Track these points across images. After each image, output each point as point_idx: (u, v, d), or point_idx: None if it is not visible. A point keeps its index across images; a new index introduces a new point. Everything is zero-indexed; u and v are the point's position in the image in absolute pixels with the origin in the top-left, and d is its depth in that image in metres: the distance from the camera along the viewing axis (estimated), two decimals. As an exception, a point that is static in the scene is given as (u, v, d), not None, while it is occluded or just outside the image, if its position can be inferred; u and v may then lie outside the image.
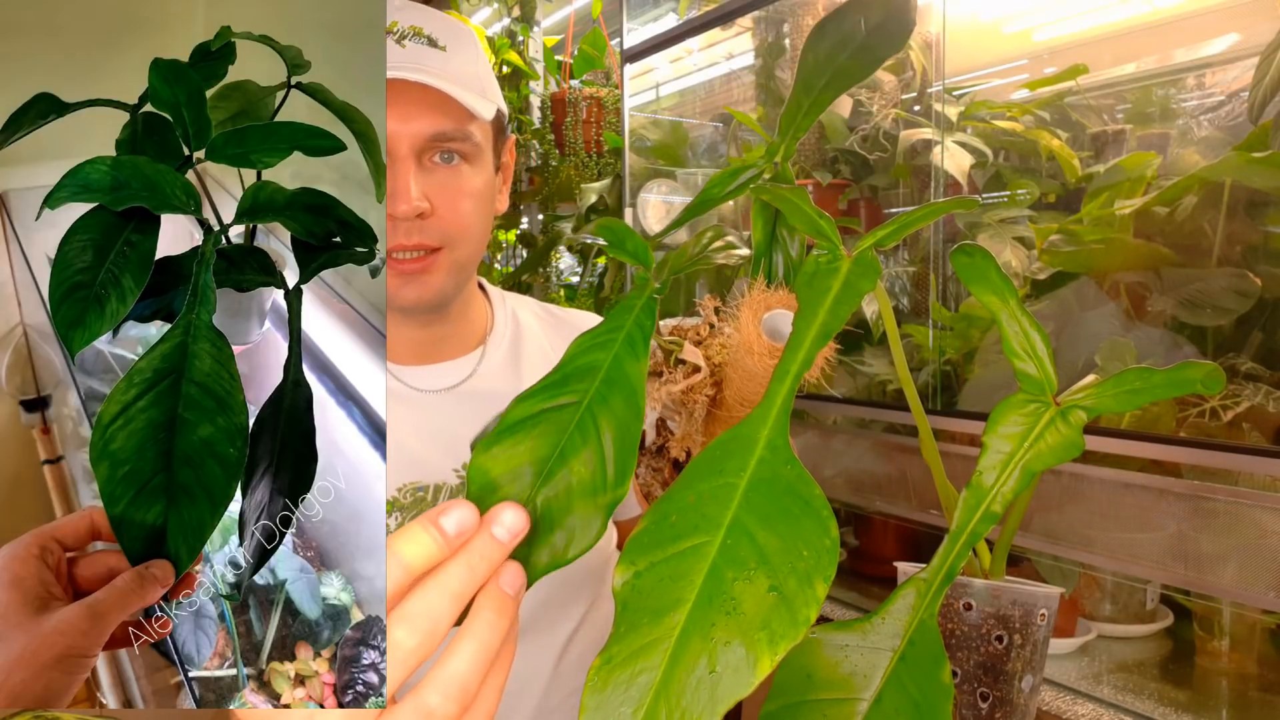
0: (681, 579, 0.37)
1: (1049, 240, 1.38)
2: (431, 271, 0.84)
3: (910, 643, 0.41)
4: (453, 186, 0.83)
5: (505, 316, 0.98)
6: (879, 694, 0.40)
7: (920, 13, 1.75)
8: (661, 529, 0.38)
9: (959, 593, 0.50)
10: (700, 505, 0.38)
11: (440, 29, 0.82)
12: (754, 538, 0.37)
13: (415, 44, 0.81)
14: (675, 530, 0.38)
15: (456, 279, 0.87)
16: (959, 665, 0.49)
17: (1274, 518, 1.00)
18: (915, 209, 0.48)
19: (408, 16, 0.82)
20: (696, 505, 0.39)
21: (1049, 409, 0.45)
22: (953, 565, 0.42)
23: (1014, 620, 0.49)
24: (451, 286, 0.87)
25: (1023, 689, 0.50)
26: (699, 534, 0.38)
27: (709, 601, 0.36)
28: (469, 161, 0.83)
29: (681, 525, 0.38)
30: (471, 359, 0.93)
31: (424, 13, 0.84)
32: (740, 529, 0.37)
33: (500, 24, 2.57)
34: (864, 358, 1.62)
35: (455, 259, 0.85)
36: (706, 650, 0.35)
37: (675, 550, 0.38)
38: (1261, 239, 1.23)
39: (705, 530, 0.38)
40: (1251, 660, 1.21)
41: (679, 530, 0.38)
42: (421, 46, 0.81)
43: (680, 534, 0.38)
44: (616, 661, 0.35)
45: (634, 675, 0.35)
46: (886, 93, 1.71)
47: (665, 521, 0.38)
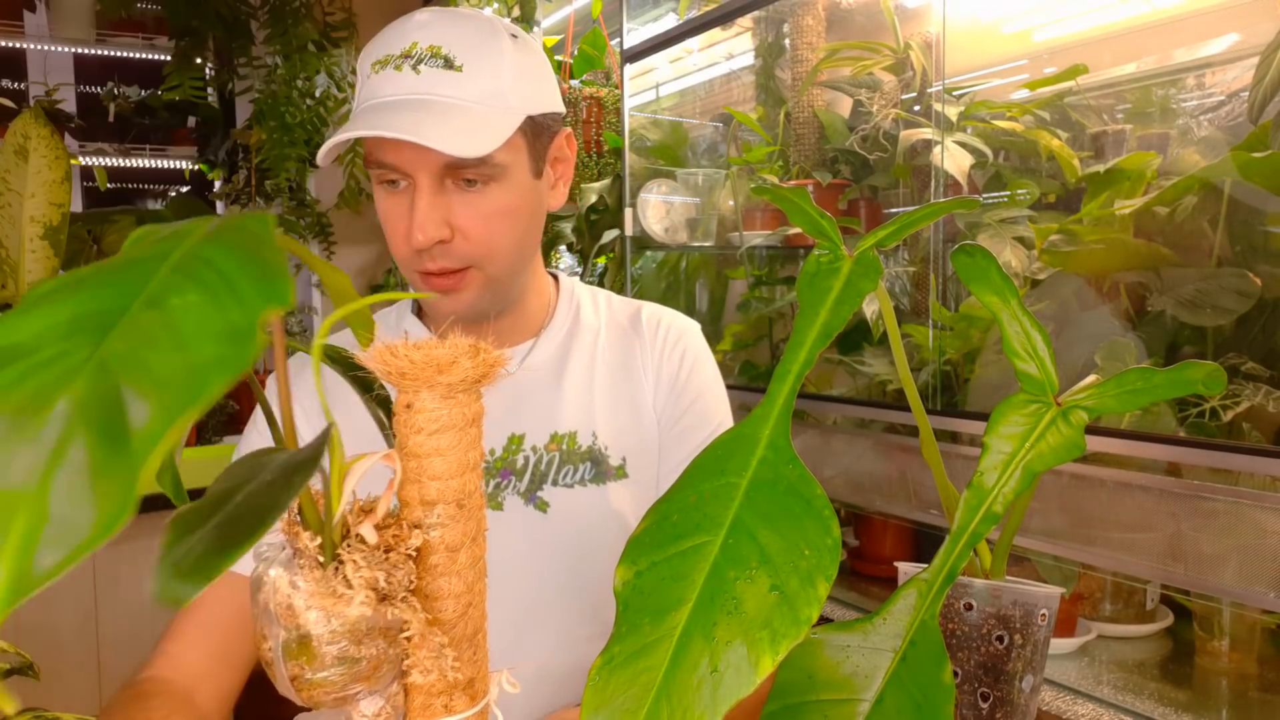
0: (683, 579, 0.37)
1: (1049, 240, 1.38)
2: (463, 289, 0.84)
3: (911, 643, 0.41)
4: (476, 210, 0.81)
5: (567, 313, 0.97)
6: (880, 694, 0.40)
7: (920, 13, 1.75)
8: (662, 529, 0.38)
9: (960, 593, 0.50)
10: (702, 505, 0.38)
11: (461, 44, 0.80)
12: (755, 537, 0.37)
13: (431, 68, 0.79)
14: (676, 530, 0.38)
15: (493, 293, 0.86)
16: (960, 665, 0.49)
17: (1274, 518, 1.00)
18: (916, 209, 0.48)
19: (429, 34, 0.80)
20: (698, 505, 0.39)
21: (1050, 409, 0.45)
22: (954, 565, 0.42)
23: (1014, 620, 0.49)
24: (487, 301, 0.86)
25: (1023, 689, 0.50)
26: (700, 533, 0.38)
27: (711, 601, 0.36)
28: (495, 181, 0.81)
29: (683, 525, 0.38)
30: (519, 351, 0.93)
31: (447, 25, 0.81)
32: (742, 528, 0.37)
33: (500, 24, 2.56)
34: (864, 358, 1.62)
35: (488, 276, 0.84)
36: (708, 650, 0.35)
37: (676, 550, 0.38)
38: (1261, 239, 1.23)
39: (707, 530, 0.38)
40: (1251, 660, 1.21)
41: (680, 530, 0.38)
42: (437, 71, 0.79)
43: (681, 533, 0.38)
44: (618, 661, 0.35)
45: (635, 675, 0.35)
46: (886, 93, 1.71)
47: (666, 521, 0.38)
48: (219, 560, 0.28)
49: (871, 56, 1.71)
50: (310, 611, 0.39)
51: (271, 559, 0.41)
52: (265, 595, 0.40)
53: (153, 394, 0.24)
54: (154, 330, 0.26)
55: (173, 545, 0.29)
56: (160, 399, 0.24)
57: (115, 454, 0.23)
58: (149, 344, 0.25)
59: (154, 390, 0.24)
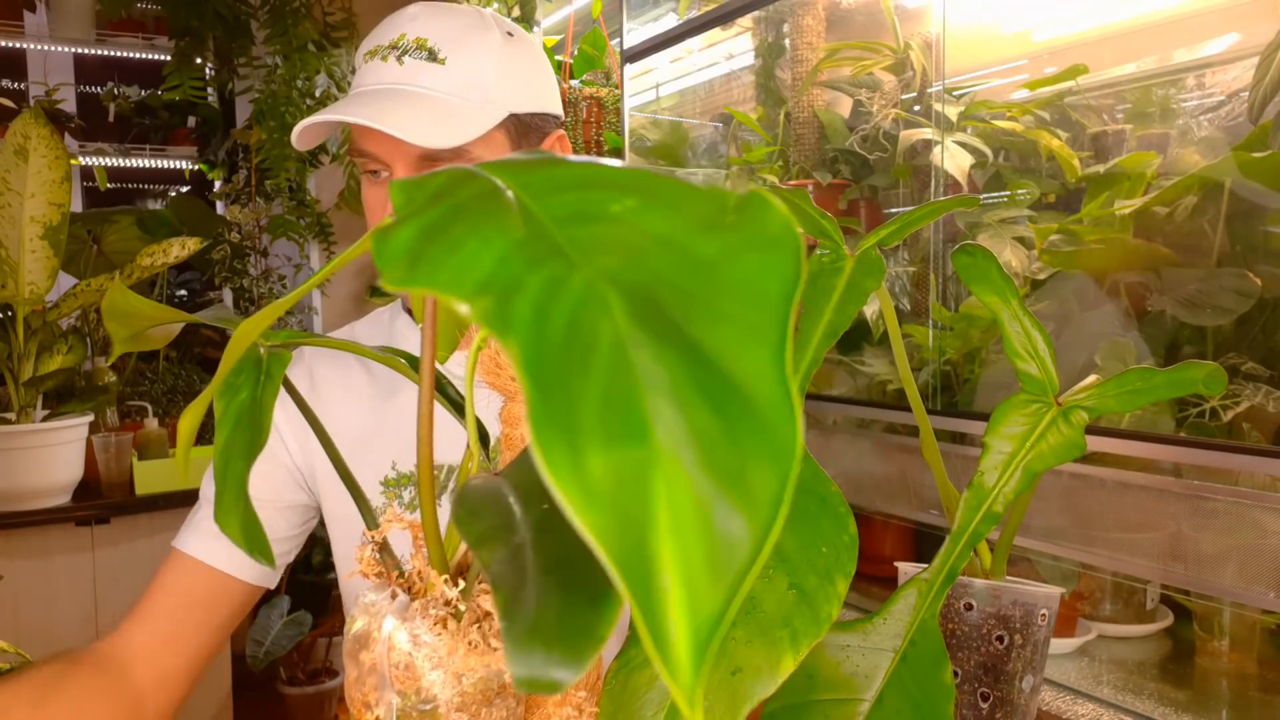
0: (696, 579, 0.36)
1: (1049, 240, 1.38)
2: None
3: (911, 643, 0.41)
4: None
5: None
6: (880, 694, 0.40)
7: (920, 13, 1.75)
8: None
9: (960, 593, 0.50)
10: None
11: (446, 38, 0.81)
12: (766, 537, 0.37)
13: (414, 59, 0.80)
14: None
15: None
16: (960, 665, 0.49)
17: (1274, 518, 1.00)
18: (917, 208, 0.48)
19: (417, 27, 0.81)
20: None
21: (1051, 409, 0.45)
22: (954, 566, 0.42)
23: (1014, 620, 0.49)
24: None
25: (1023, 689, 0.50)
26: (707, 533, 0.38)
27: None
28: None
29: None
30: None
31: (435, 19, 0.82)
32: (751, 527, 0.37)
33: (500, 24, 2.56)
34: (864, 358, 1.62)
35: None
36: (727, 650, 0.34)
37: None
38: (1261, 239, 1.23)
39: (714, 529, 0.37)
40: (1251, 660, 1.21)
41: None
42: (420, 62, 0.80)
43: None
44: (635, 664, 0.35)
45: (654, 678, 0.35)
46: (886, 93, 1.71)
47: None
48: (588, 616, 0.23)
49: (871, 56, 1.71)
50: (435, 672, 0.32)
51: (379, 610, 0.34)
52: (376, 655, 0.33)
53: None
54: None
55: (511, 611, 0.24)
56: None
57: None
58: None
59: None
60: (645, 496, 0.17)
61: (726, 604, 0.17)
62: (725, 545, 0.17)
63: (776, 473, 0.18)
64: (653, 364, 0.18)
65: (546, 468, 0.17)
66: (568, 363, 0.18)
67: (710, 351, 0.19)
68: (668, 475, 0.17)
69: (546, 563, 0.26)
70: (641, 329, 0.19)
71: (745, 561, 0.17)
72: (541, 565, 0.25)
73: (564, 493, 0.17)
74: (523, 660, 0.23)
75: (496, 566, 0.26)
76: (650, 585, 0.17)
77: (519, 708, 0.36)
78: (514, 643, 0.23)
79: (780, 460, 0.18)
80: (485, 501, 0.29)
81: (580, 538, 0.26)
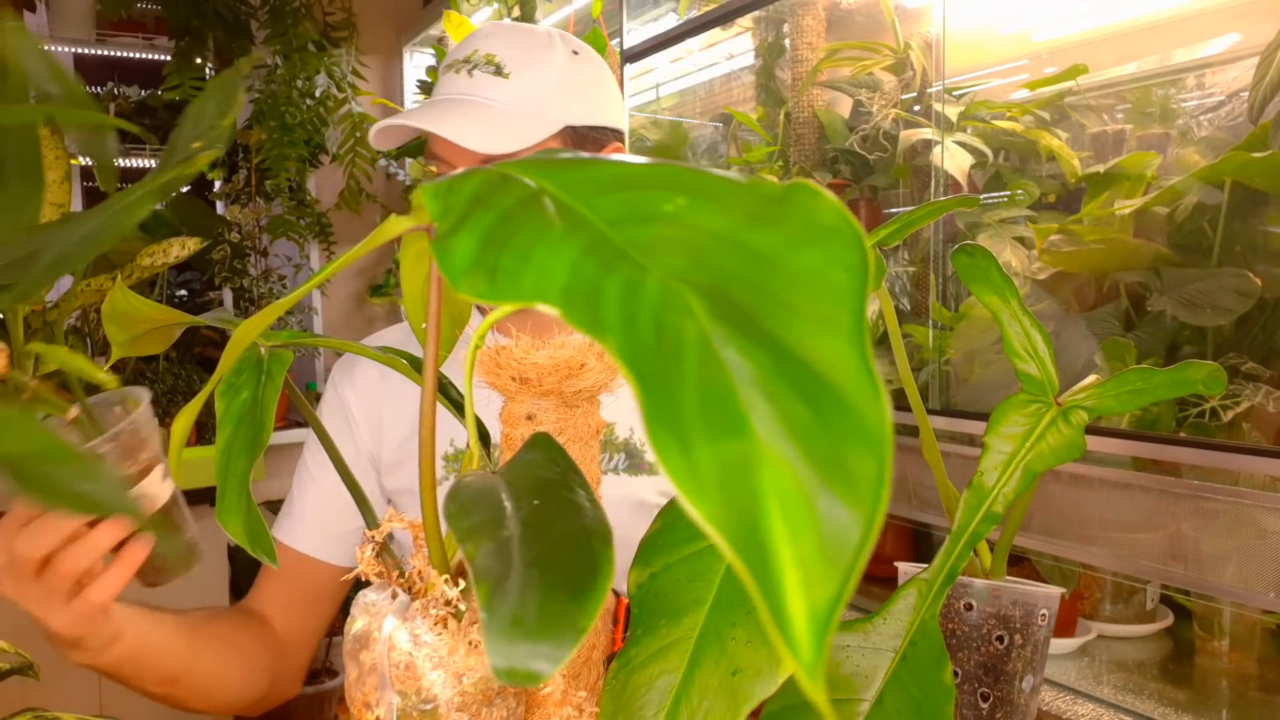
0: (698, 579, 0.36)
1: (1049, 240, 1.38)
2: None
3: (911, 643, 0.41)
4: None
5: None
6: (880, 694, 0.40)
7: (920, 13, 1.75)
8: (675, 530, 0.38)
9: (960, 593, 0.50)
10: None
11: (512, 54, 0.87)
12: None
13: (482, 72, 0.86)
14: (690, 530, 0.38)
15: None
16: (960, 665, 0.49)
17: (1274, 518, 1.00)
18: (917, 208, 0.48)
19: (488, 44, 0.88)
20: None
21: (1050, 409, 0.45)
22: (954, 566, 0.42)
23: (1014, 620, 0.49)
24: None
25: (1023, 689, 0.50)
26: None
27: (729, 601, 0.35)
28: None
29: (696, 525, 0.37)
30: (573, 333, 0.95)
31: (505, 36, 0.88)
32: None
33: (500, 24, 2.56)
34: (864, 358, 1.62)
35: None
36: (728, 651, 0.34)
37: (691, 550, 0.37)
38: (1261, 239, 1.23)
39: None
40: (1251, 660, 1.21)
41: (693, 530, 0.37)
42: (487, 75, 0.86)
43: (695, 534, 0.37)
44: (635, 664, 0.35)
45: (653, 678, 0.34)
46: (886, 93, 1.71)
47: (679, 522, 0.38)
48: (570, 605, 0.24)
49: (871, 57, 1.71)
50: (435, 672, 0.32)
51: (379, 610, 0.34)
52: (376, 655, 0.33)
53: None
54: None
55: (493, 602, 0.24)
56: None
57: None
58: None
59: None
60: (753, 487, 0.18)
61: (842, 587, 0.18)
62: (834, 531, 0.18)
63: (874, 458, 0.19)
64: (739, 359, 0.19)
65: (661, 462, 0.18)
66: (662, 362, 0.19)
67: (789, 345, 0.20)
68: (772, 466, 0.18)
69: (532, 557, 0.26)
70: (723, 326, 0.20)
71: (856, 546, 0.18)
72: (526, 559, 0.26)
73: (678, 485, 0.18)
74: (503, 651, 0.23)
75: (481, 559, 0.26)
76: (767, 570, 0.18)
77: (519, 707, 0.35)
78: (494, 634, 0.23)
79: (875, 445, 0.19)
80: (478, 498, 0.29)
81: (567, 532, 0.26)
